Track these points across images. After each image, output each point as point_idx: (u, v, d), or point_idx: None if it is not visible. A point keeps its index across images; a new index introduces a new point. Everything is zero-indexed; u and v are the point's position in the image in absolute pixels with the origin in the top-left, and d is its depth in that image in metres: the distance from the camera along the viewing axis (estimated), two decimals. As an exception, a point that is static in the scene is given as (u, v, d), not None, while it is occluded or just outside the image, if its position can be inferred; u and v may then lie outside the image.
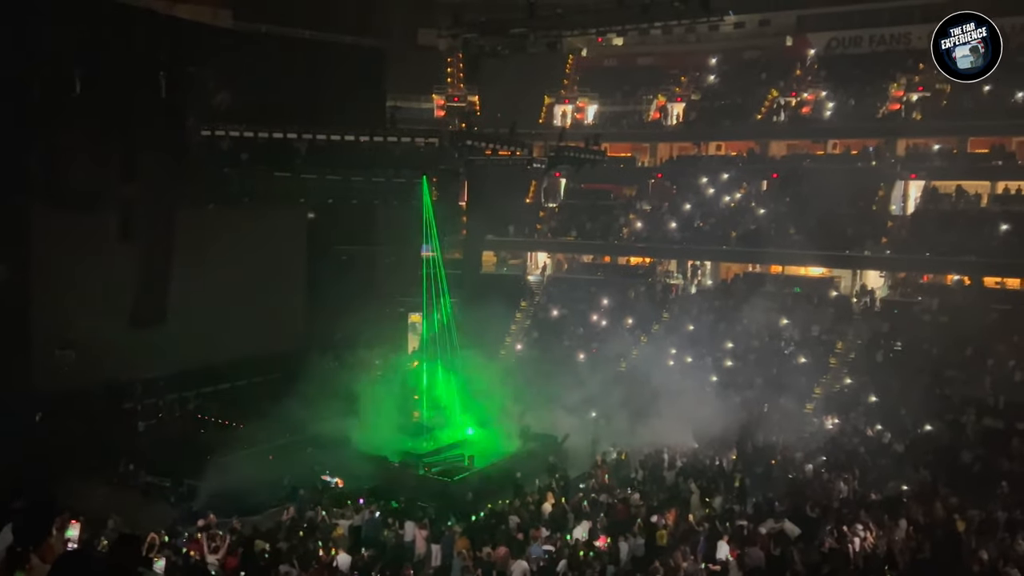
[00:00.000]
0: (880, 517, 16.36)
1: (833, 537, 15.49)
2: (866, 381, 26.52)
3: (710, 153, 39.17)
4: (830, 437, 23.38)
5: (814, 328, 30.05)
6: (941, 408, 23.90)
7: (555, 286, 36.99)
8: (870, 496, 18.19)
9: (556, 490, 18.87)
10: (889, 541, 15.18)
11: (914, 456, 20.82)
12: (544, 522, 16.82)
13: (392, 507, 17.82)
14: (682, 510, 17.41)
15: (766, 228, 33.45)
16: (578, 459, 22.46)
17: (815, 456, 21.35)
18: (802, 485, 19.05)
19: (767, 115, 37.46)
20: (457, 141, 24.51)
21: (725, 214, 35.30)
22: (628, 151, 40.70)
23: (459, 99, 40.23)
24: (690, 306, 33.09)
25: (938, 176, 32.73)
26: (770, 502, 17.77)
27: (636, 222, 36.70)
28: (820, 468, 20.25)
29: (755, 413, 24.49)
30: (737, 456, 21.19)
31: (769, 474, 20.23)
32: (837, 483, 18.99)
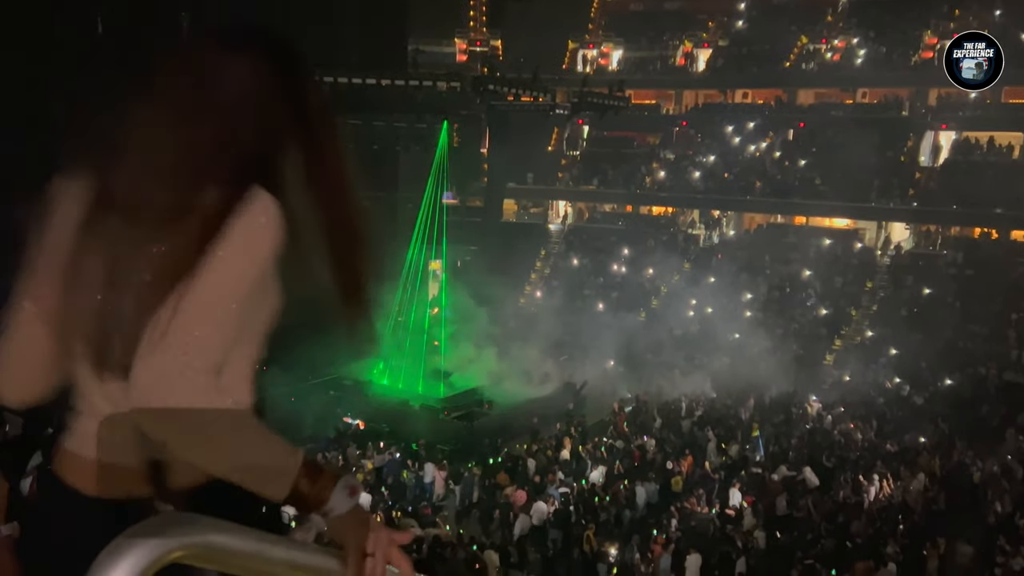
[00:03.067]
0: (896, 468, 16.44)
1: (849, 487, 15.61)
2: (887, 333, 26.35)
3: (736, 101, 38.46)
4: (849, 389, 23.35)
5: (837, 280, 29.80)
6: (962, 361, 23.74)
7: (576, 235, 36.83)
8: (887, 447, 18.23)
9: (574, 436, 19.07)
10: (904, 492, 15.27)
11: (933, 409, 20.77)
12: (561, 466, 17.05)
13: (412, 449, 18.11)
14: (698, 458, 17.58)
15: (791, 178, 32.96)
16: (596, 407, 22.61)
17: (833, 407, 21.37)
18: (819, 435, 19.12)
19: (796, 62, 36.62)
20: (479, 86, 24.22)
21: (750, 164, 34.82)
22: (652, 98, 40.05)
23: (481, 43, 39.67)
24: (711, 257, 32.87)
25: (970, 126, 31.97)
26: (786, 451, 17.88)
27: (659, 171, 36.28)
28: (838, 419, 20.28)
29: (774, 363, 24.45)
30: (755, 406, 21.25)
31: (787, 424, 20.29)
32: (854, 434, 19.04)
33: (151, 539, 0.73)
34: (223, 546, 0.80)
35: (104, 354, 1.28)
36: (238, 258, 1.28)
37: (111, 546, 0.73)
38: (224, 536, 0.81)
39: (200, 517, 0.78)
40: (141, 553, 0.71)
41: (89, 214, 1.33)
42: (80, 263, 1.31)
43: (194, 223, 1.26)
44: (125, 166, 1.32)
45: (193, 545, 0.75)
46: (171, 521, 0.77)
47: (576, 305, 30.26)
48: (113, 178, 1.31)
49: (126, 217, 1.29)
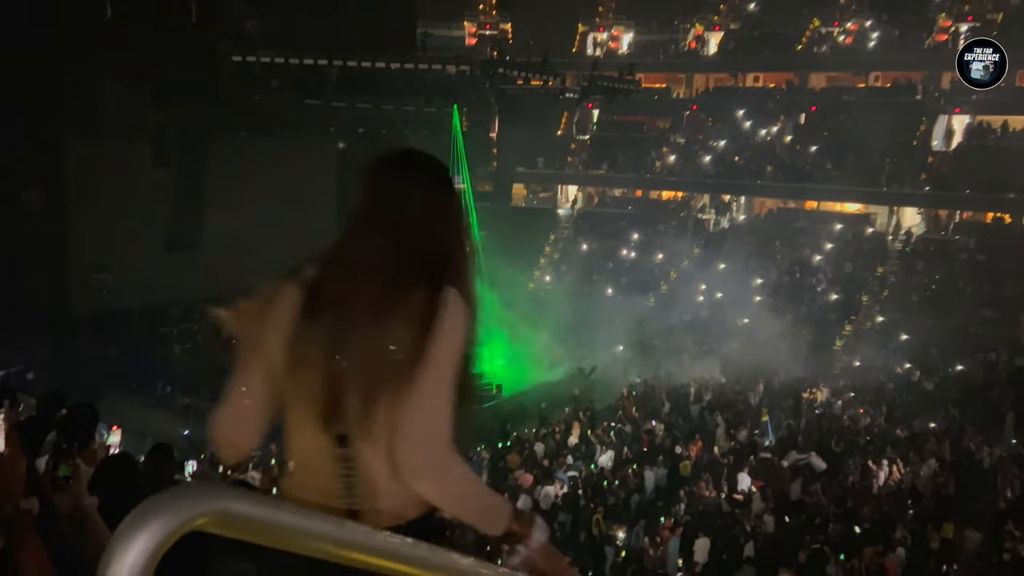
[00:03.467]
0: (906, 453, 16.42)
1: (857, 472, 15.61)
2: (898, 319, 26.26)
3: (748, 85, 38.19)
4: (859, 374, 23.30)
5: (847, 265, 29.67)
6: (973, 347, 23.64)
7: (585, 220, 36.75)
8: (896, 432, 18.20)
9: (582, 421, 19.11)
10: (914, 477, 15.25)
11: (943, 394, 20.71)
12: (570, 451, 17.11)
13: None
14: (707, 442, 17.60)
15: (802, 163, 32.76)
16: (605, 391, 22.64)
17: (843, 392, 21.33)
18: (828, 420, 19.11)
19: (808, 45, 36.30)
20: (489, 69, 24.14)
21: (761, 148, 34.62)
22: (663, 82, 39.79)
23: (491, 27, 39.48)
24: (722, 241, 32.76)
25: (983, 111, 31.65)
26: (795, 436, 17.88)
27: (669, 155, 36.12)
28: (847, 404, 20.25)
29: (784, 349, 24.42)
30: (764, 391, 21.23)
31: (796, 409, 20.28)
32: (864, 419, 19.02)
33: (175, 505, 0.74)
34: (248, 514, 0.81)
35: (330, 421, 1.60)
36: (450, 351, 1.60)
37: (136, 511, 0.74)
38: (250, 505, 0.82)
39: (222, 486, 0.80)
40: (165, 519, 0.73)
41: (311, 310, 1.62)
42: (306, 349, 1.61)
43: (406, 319, 1.59)
44: (344, 272, 1.65)
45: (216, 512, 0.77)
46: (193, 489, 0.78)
47: (585, 290, 30.26)
48: (334, 282, 1.64)
49: (345, 312, 1.60)
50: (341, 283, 1.62)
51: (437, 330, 1.59)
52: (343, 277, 1.63)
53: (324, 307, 1.61)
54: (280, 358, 1.63)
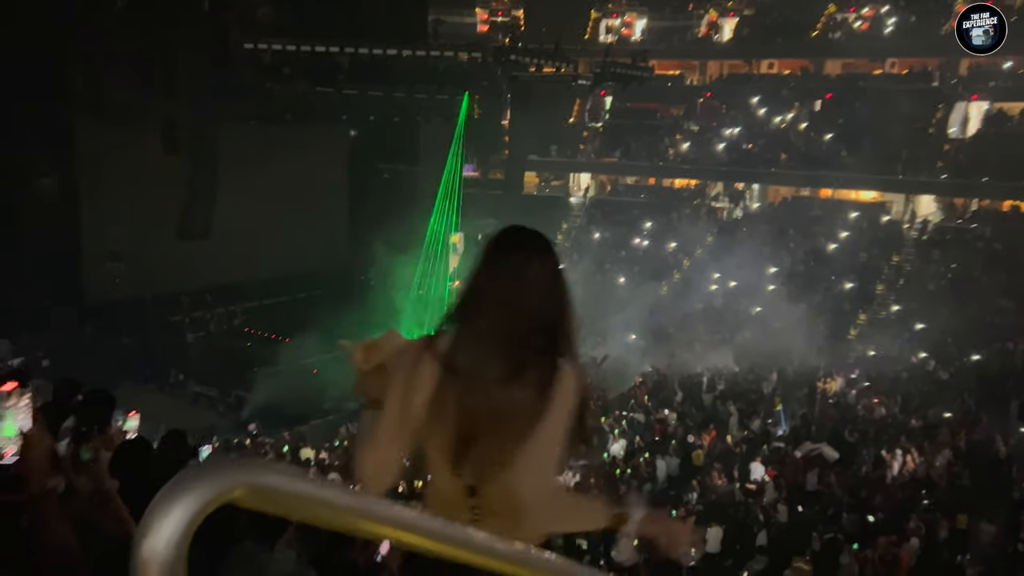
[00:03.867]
0: (920, 443, 16.32)
1: (871, 462, 15.53)
2: (914, 308, 26.07)
3: (762, 72, 37.88)
4: (873, 363, 23.16)
5: (862, 254, 29.47)
6: (990, 337, 23.44)
7: (598, 208, 36.63)
8: (911, 422, 18.09)
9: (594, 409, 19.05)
10: (928, 466, 15.16)
11: (959, 384, 20.56)
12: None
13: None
14: (720, 432, 17.55)
15: (817, 150, 32.50)
16: (617, 380, 22.61)
17: (857, 382, 21.21)
18: (842, 410, 19.01)
19: (823, 32, 35.95)
20: (501, 56, 24.01)
21: (775, 135, 34.37)
22: (676, 69, 39.51)
23: (503, 13, 39.28)
24: (735, 230, 32.59)
25: (1002, 97, 31.31)
26: (808, 426, 17.80)
27: (682, 143, 35.91)
28: (862, 394, 20.13)
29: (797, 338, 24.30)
30: (777, 380, 21.14)
31: (809, 398, 20.18)
32: (878, 409, 18.91)
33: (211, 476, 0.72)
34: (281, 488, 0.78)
35: (461, 473, 1.92)
36: (562, 412, 1.91)
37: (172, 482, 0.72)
38: (283, 478, 0.79)
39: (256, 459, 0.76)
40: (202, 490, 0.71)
41: (448, 378, 1.90)
42: (444, 411, 1.89)
43: (527, 387, 1.90)
44: (474, 348, 1.91)
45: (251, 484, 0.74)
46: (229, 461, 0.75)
47: (598, 278, 30.17)
48: (466, 356, 1.90)
49: (476, 382, 1.88)
50: (473, 357, 1.91)
51: (553, 396, 1.90)
52: (474, 352, 1.91)
53: (458, 376, 1.90)
54: (421, 416, 1.91)
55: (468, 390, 1.88)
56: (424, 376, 1.91)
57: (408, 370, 1.93)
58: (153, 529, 0.69)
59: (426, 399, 1.90)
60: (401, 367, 1.96)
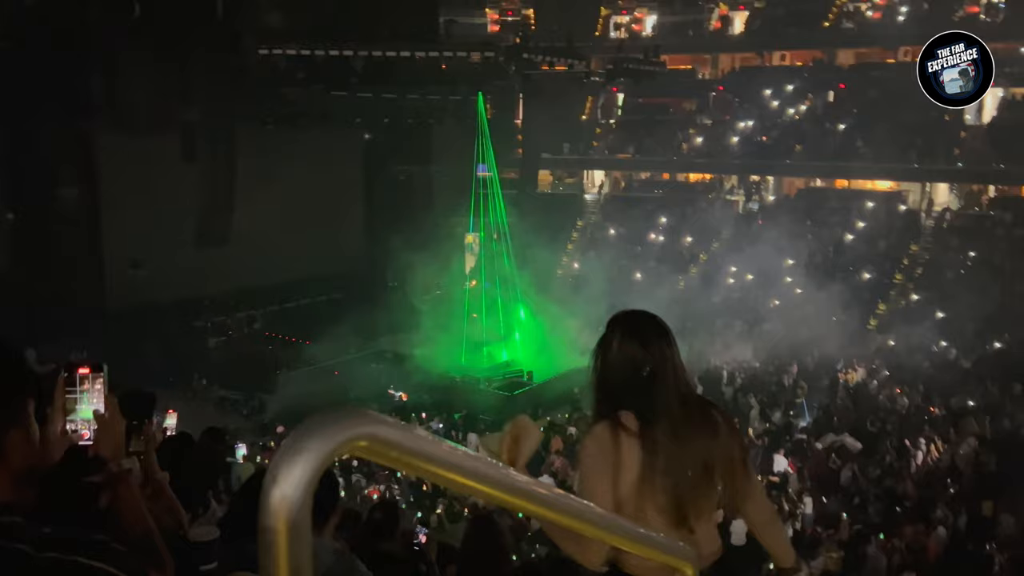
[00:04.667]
0: (944, 431, 16.23)
1: (894, 451, 15.46)
2: (933, 297, 25.90)
3: (774, 64, 37.71)
4: (894, 353, 23.03)
5: (880, 243, 29.29)
6: (1011, 324, 23.27)
7: (612, 204, 36.60)
8: (934, 411, 17.99)
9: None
10: (953, 454, 15.07)
11: (980, 372, 20.42)
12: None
13: (454, 419, 18.29)
14: (741, 424, 17.51)
15: (832, 141, 32.33)
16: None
17: (878, 372, 21.10)
18: (865, 400, 18.92)
19: (835, 22, 35.74)
20: (513, 55, 24.06)
21: (789, 127, 34.22)
22: (688, 63, 39.42)
23: (513, 13, 39.32)
24: (751, 222, 32.48)
25: (1018, 83, 31.03)
26: (830, 417, 17.74)
27: (696, 137, 35.82)
28: (883, 384, 20.03)
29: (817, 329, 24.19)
30: (798, 372, 21.07)
31: (831, 389, 20.10)
32: (900, 398, 18.81)
33: (335, 425, 0.77)
34: (397, 441, 0.83)
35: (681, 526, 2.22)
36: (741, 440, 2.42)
37: (297, 430, 0.77)
38: (399, 432, 0.84)
39: (374, 412, 0.82)
40: (327, 438, 0.76)
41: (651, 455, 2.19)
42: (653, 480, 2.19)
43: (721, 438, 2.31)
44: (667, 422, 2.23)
45: (370, 436, 0.79)
46: (350, 412, 0.80)
47: (614, 275, 30.14)
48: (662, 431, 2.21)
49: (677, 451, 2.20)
50: (667, 429, 2.20)
51: (732, 431, 2.34)
52: (666, 425, 2.20)
53: (660, 448, 2.18)
54: (630, 488, 2.18)
55: (674, 456, 2.18)
56: (628, 458, 2.17)
57: (609, 458, 2.17)
58: (283, 473, 0.74)
59: (635, 477, 2.16)
60: (596, 457, 2.20)
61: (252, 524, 0.75)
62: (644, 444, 2.17)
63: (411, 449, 0.84)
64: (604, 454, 2.17)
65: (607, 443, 2.18)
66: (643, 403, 2.22)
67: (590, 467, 2.21)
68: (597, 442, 2.21)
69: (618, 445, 2.17)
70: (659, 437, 2.17)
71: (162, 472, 2.57)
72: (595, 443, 2.22)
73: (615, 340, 2.39)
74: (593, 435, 2.25)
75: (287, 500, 0.73)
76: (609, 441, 2.18)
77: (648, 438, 2.17)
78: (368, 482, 15.47)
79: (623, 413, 2.21)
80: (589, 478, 2.19)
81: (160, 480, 2.50)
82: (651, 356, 2.30)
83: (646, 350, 2.31)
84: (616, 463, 2.15)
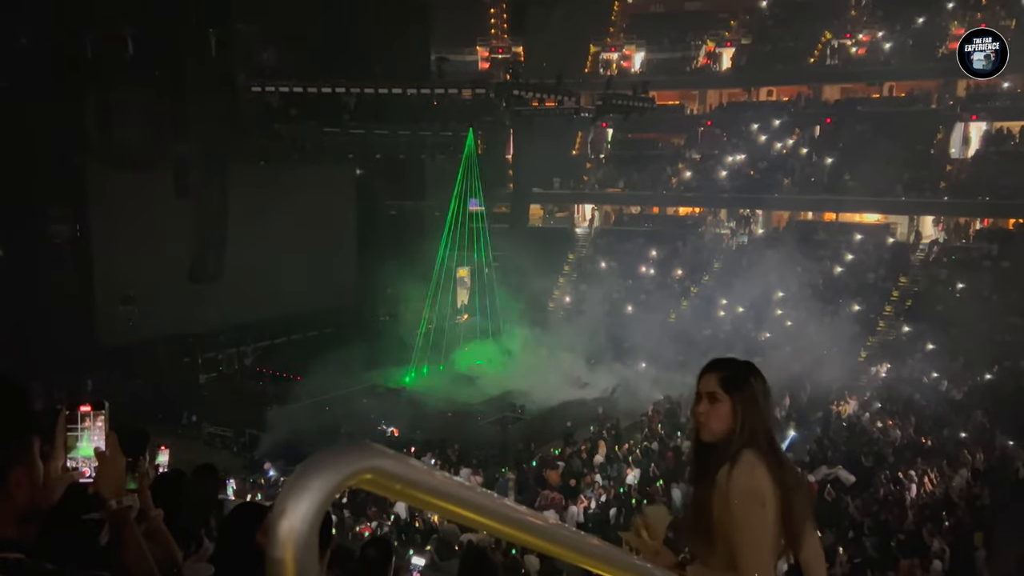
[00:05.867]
0: (938, 464, 16.23)
1: (889, 484, 15.43)
2: (923, 329, 26.04)
3: (761, 99, 38.23)
4: (885, 385, 23.08)
5: (869, 275, 29.48)
6: (1001, 355, 23.37)
7: (603, 238, 36.78)
8: (926, 443, 18.00)
9: (607, 439, 19.03)
10: (947, 488, 15.06)
11: (972, 404, 20.47)
12: (596, 470, 17.04)
13: (447, 454, 18.18)
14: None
15: (819, 175, 32.69)
16: (629, 409, 22.56)
17: (870, 404, 21.13)
18: (857, 433, 18.92)
19: (820, 58, 36.35)
20: (504, 92, 24.33)
21: (777, 161, 34.59)
22: (676, 99, 39.92)
23: (503, 50, 39.83)
24: (741, 256, 32.68)
25: (1001, 117, 31.53)
26: (824, 449, 17.72)
27: (685, 171, 36.15)
28: (875, 416, 20.05)
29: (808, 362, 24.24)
30: (790, 404, 21.07)
31: (823, 422, 20.10)
32: (892, 431, 18.82)
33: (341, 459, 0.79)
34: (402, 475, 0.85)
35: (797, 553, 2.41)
36: None
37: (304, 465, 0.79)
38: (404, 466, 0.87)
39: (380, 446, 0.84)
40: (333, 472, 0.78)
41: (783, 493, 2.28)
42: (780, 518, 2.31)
43: None
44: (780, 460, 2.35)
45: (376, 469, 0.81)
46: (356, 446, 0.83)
47: (605, 308, 30.23)
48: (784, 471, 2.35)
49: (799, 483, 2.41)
50: (789, 471, 2.35)
51: None
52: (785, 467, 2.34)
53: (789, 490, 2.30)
54: None
55: (798, 495, 2.31)
56: (774, 503, 2.25)
57: (768, 506, 2.25)
58: (291, 506, 0.77)
59: (776, 519, 2.26)
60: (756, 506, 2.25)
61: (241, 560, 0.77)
62: (782, 489, 2.27)
63: (415, 482, 0.87)
64: (761, 507, 2.24)
65: (764, 496, 2.24)
66: (754, 449, 2.28)
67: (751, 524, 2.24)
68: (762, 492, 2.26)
69: (769, 495, 2.26)
70: (790, 480, 2.30)
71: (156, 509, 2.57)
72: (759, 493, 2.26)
73: (762, 385, 2.42)
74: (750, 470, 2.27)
75: (295, 533, 0.75)
76: (767, 493, 2.25)
77: (783, 483, 2.28)
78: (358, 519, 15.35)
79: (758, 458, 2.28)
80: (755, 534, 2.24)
81: (154, 517, 2.51)
82: (757, 402, 2.39)
83: (752, 397, 2.38)
84: (773, 511, 2.25)
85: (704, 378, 2.45)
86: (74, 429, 1.79)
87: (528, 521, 1.09)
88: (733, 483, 2.26)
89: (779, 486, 2.26)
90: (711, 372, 2.44)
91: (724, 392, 2.37)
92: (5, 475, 1.43)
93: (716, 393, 2.38)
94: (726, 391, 2.37)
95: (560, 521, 13.61)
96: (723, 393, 2.37)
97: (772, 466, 2.27)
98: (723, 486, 2.26)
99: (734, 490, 2.25)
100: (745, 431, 2.31)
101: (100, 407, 1.85)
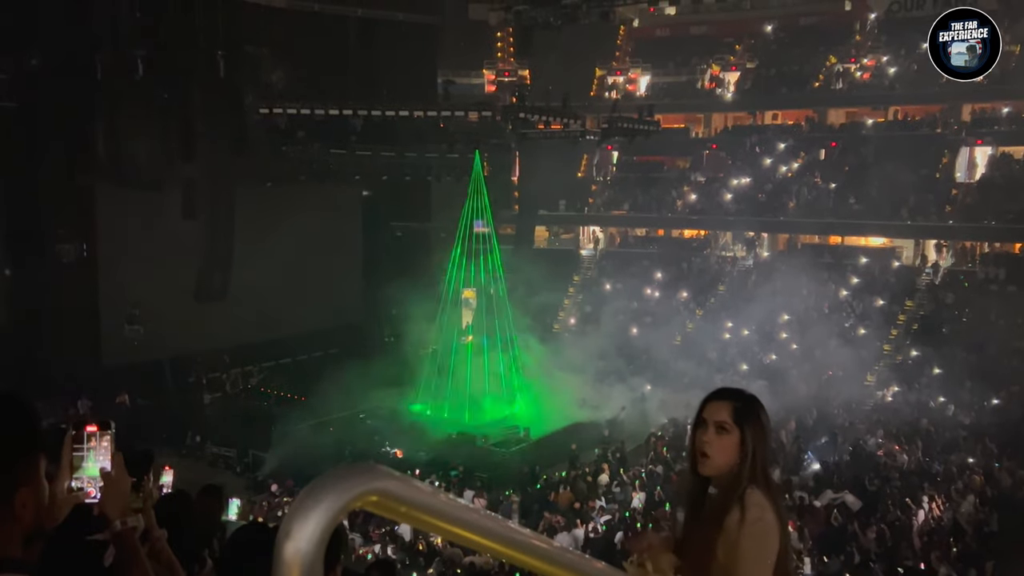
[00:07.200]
0: (945, 489, 16.09)
1: (896, 510, 15.30)
2: (930, 353, 25.93)
3: (766, 122, 38.38)
4: (892, 410, 22.95)
5: (875, 299, 29.42)
6: (1008, 380, 23.25)
7: (608, 260, 36.81)
8: (933, 468, 17.86)
9: (612, 462, 18.93)
10: (955, 513, 14.92)
11: (979, 428, 20.33)
12: (600, 493, 16.94)
13: (451, 476, 18.11)
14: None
15: (825, 198, 32.73)
16: (634, 432, 22.46)
17: (876, 428, 20.99)
18: (863, 457, 18.78)
19: (825, 82, 36.52)
20: (510, 115, 24.49)
21: (782, 184, 34.65)
22: (682, 122, 40.06)
23: (510, 74, 40.09)
24: (746, 278, 32.66)
25: (1006, 141, 31.57)
26: (830, 474, 17.59)
27: (690, 194, 36.25)
28: (881, 440, 19.91)
29: (815, 386, 24.15)
30: (796, 428, 20.96)
31: (829, 446, 19.96)
32: (900, 455, 18.68)
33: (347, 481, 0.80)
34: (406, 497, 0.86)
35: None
36: None
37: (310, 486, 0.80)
38: (409, 488, 0.87)
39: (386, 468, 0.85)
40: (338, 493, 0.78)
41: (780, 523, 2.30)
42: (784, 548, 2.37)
43: None
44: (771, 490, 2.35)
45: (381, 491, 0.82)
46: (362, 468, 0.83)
47: (611, 330, 30.18)
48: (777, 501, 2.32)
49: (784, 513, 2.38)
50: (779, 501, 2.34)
51: None
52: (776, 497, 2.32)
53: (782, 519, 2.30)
54: None
55: (786, 523, 2.31)
56: (777, 532, 2.25)
57: (773, 535, 2.23)
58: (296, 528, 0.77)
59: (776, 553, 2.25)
60: (768, 550, 2.23)
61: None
62: (779, 519, 2.26)
63: (421, 504, 0.87)
64: (766, 538, 2.22)
65: (769, 524, 2.22)
66: (755, 481, 2.26)
67: (761, 550, 2.20)
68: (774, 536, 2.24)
69: (772, 523, 2.24)
70: (782, 509, 2.30)
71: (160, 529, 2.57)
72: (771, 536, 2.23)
73: (767, 419, 2.38)
74: (760, 514, 2.22)
75: (300, 554, 0.75)
76: (770, 522, 2.23)
77: (779, 512, 2.27)
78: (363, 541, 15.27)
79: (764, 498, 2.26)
80: (760, 561, 2.18)
81: (158, 537, 2.50)
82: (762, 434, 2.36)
83: (760, 429, 2.36)
84: (778, 539, 2.25)
85: (713, 405, 2.33)
86: (80, 449, 1.80)
87: (532, 544, 1.09)
88: (746, 528, 2.18)
89: (782, 524, 2.26)
90: (722, 400, 2.33)
91: (734, 423, 2.27)
92: (11, 495, 1.44)
93: (726, 423, 2.27)
94: (736, 422, 2.27)
95: (570, 544, 13.54)
96: (732, 424, 2.27)
97: (777, 505, 2.26)
98: (733, 532, 2.18)
99: (747, 535, 2.18)
100: (754, 466, 2.25)
101: (106, 427, 1.85)
